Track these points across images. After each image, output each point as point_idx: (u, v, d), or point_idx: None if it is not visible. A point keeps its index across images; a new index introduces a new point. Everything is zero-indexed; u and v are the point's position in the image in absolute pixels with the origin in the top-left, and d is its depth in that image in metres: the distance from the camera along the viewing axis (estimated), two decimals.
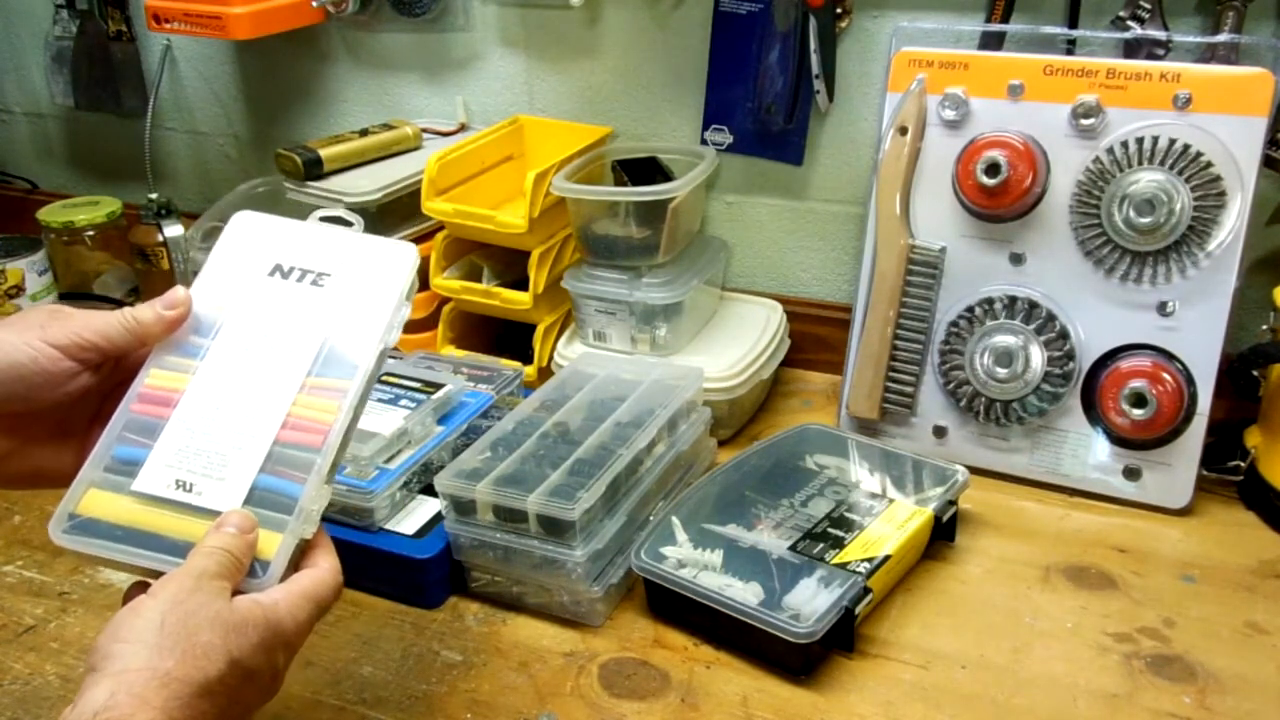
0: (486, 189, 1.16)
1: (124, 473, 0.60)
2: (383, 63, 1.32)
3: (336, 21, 1.31)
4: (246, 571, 0.58)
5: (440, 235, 1.13)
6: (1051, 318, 0.96)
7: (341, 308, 0.65)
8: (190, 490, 0.60)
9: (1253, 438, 0.96)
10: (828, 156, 1.15)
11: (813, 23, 1.05)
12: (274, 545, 0.59)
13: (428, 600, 0.86)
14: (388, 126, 1.23)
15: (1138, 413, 0.93)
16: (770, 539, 0.85)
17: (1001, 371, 0.97)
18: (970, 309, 0.99)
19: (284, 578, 0.59)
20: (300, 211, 1.21)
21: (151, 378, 0.63)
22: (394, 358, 1.07)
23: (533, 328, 1.12)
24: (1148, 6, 0.95)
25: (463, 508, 0.84)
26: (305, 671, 0.79)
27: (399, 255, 0.67)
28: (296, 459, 0.61)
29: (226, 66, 1.43)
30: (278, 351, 0.64)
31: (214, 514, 0.59)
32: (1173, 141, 0.90)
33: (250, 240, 0.69)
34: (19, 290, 1.24)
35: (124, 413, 0.62)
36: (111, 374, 0.64)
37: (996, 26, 1.00)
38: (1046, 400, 0.97)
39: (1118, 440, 0.96)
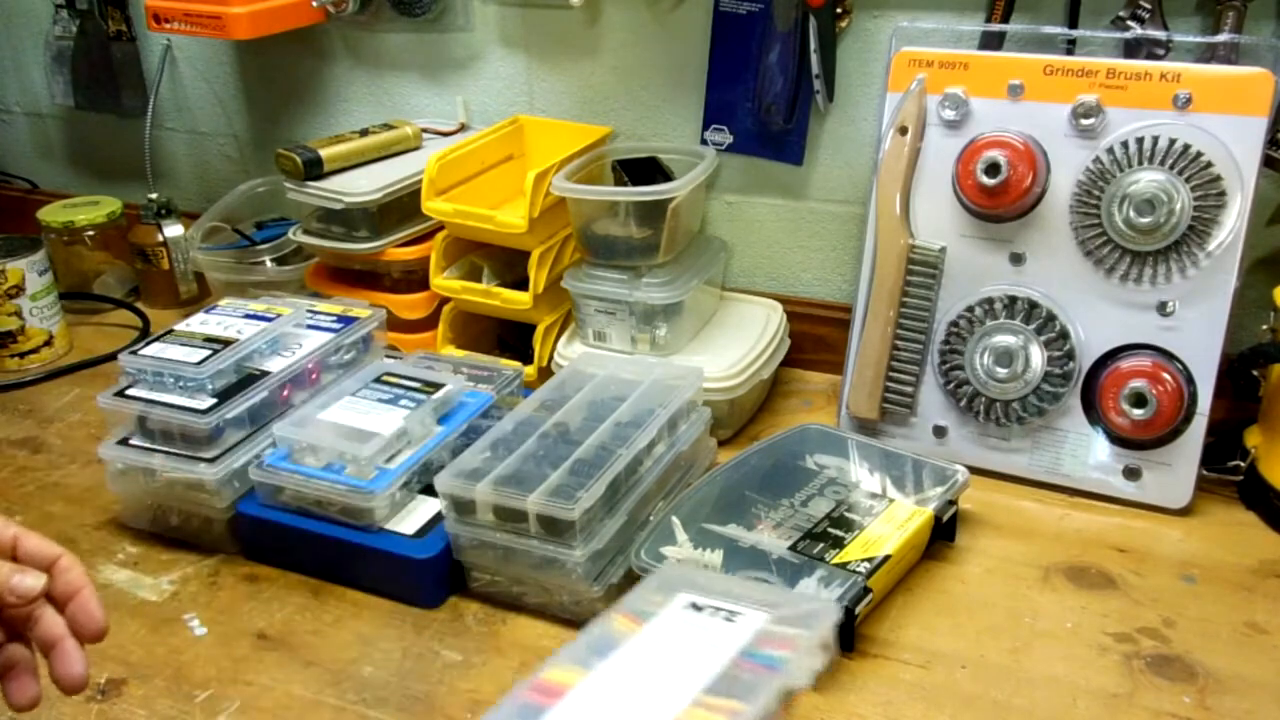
0: (486, 189, 1.16)
1: None
2: (383, 63, 1.32)
3: (336, 21, 1.31)
4: None
5: (440, 235, 1.13)
6: (1051, 318, 0.96)
7: (751, 643, 0.64)
8: None
9: (1253, 438, 0.96)
10: (828, 156, 1.15)
11: (813, 23, 1.05)
12: None
13: (428, 600, 0.86)
14: (388, 126, 1.23)
15: (1138, 413, 0.93)
16: (770, 539, 0.85)
17: (1001, 371, 0.97)
18: (970, 309, 0.99)
19: None
20: (302, 211, 1.21)
21: (547, 673, 0.63)
22: (393, 357, 1.07)
23: (533, 328, 1.12)
24: (1148, 6, 0.95)
25: (463, 508, 0.84)
26: (305, 671, 0.79)
27: (819, 615, 0.65)
28: None
29: (226, 66, 1.43)
30: (677, 665, 0.64)
31: None
32: (1173, 141, 0.90)
33: (671, 583, 0.70)
34: (19, 290, 1.24)
35: (514, 696, 0.62)
36: None
37: (996, 26, 1.00)
38: (1046, 400, 0.97)
39: (1118, 440, 0.96)
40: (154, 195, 1.37)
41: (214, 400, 0.93)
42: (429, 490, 0.89)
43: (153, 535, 0.96)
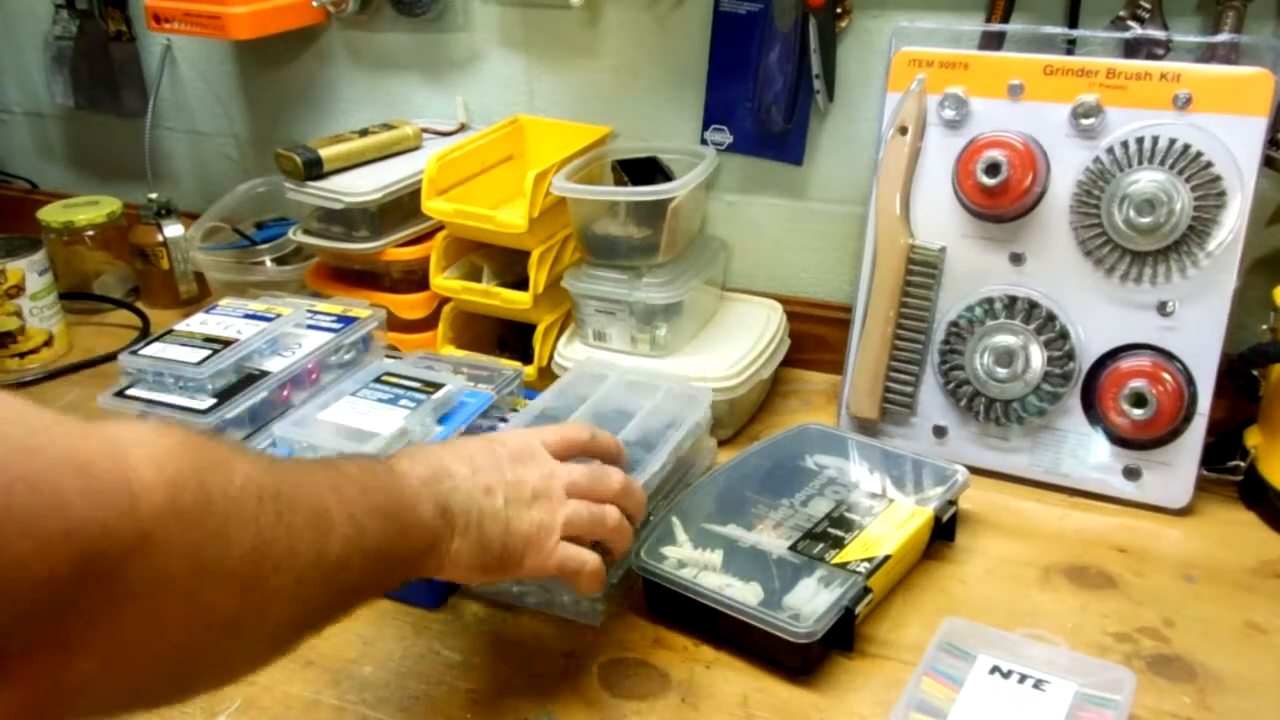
0: (486, 189, 1.16)
1: None
2: (383, 63, 1.32)
3: (336, 21, 1.31)
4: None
5: (440, 235, 1.13)
6: (1051, 318, 0.96)
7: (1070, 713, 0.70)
8: None
9: (1253, 438, 0.96)
10: (828, 156, 1.15)
11: (813, 22, 1.05)
12: None
13: (428, 600, 0.86)
14: (388, 126, 1.23)
15: (1138, 413, 0.93)
16: (770, 539, 0.85)
17: (1001, 371, 0.97)
18: (970, 309, 0.99)
19: None
20: (302, 211, 1.21)
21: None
22: (393, 357, 1.07)
23: (533, 328, 1.12)
24: (1148, 6, 0.95)
25: None
26: (305, 671, 0.79)
27: (1124, 681, 0.71)
28: None
29: (226, 66, 1.43)
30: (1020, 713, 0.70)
31: None
32: (1173, 141, 0.90)
33: (963, 640, 0.76)
34: (19, 290, 1.24)
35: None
36: None
37: (996, 26, 1.00)
38: (1046, 400, 0.97)
39: (1118, 440, 0.96)
40: (154, 195, 1.37)
41: (214, 400, 0.93)
42: None
43: None
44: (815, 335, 1.19)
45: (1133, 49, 0.95)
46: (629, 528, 0.75)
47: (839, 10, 1.07)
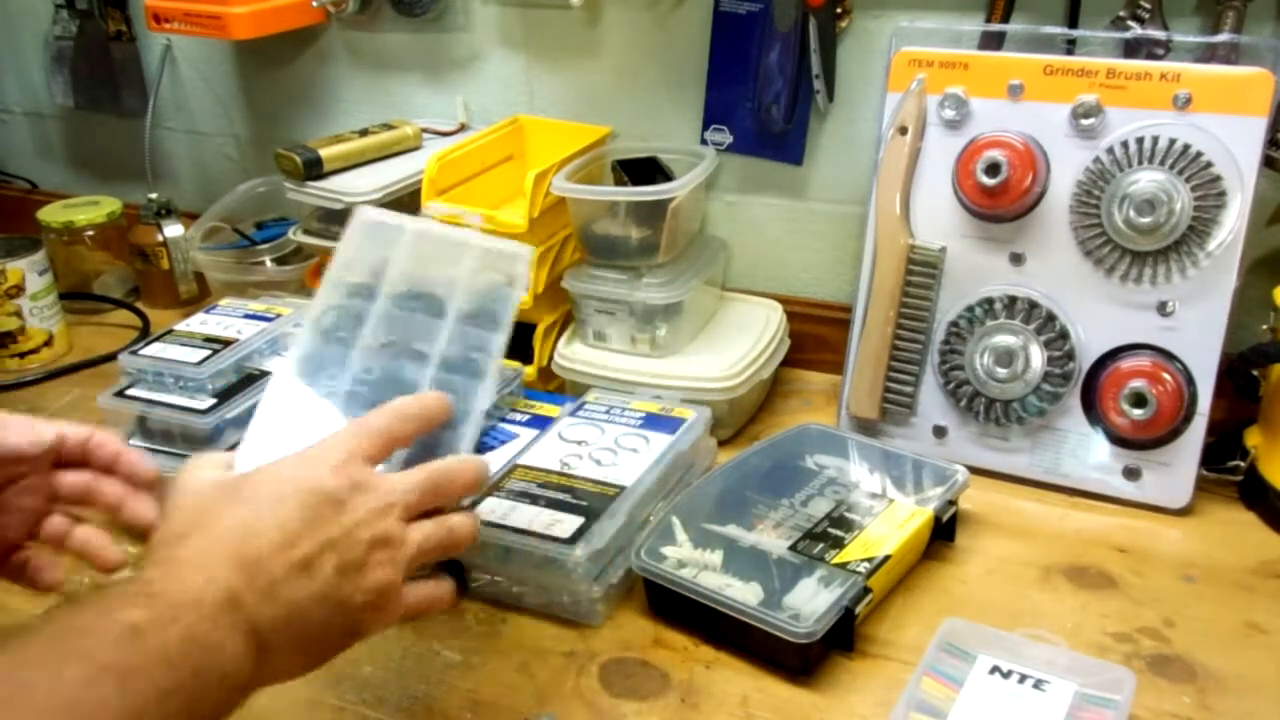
0: (486, 189, 1.16)
1: None
2: (383, 63, 1.32)
3: (336, 21, 1.31)
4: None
5: None
6: (1051, 318, 0.96)
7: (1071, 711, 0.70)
8: None
9: (1253, 438, 0.96)
10: (828, 156, 1.15)
11: (813, 22, 1.05)
12: None
13: None
14: (388, 126, 1.23)
15: (1138, 413, 0.93)
16: (770, 539, 0.85)
17: (1001, 371, 0.97)
18: (970, 309, 0.99)
19: None
20: (302, 211, 1.21)
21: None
22: None
23: (533, 327, 1.12)
24: (1148, 6, 0.95)
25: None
26: None
27: (1124, 681, 0.71)
28: None
29: (226, 66, 1.43)
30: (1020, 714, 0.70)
31: None
32: (1173, 141, 0.90)
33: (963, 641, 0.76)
34: (19, 290, 1.24)
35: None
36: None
37: (996, 26, 1.00)
38: (1046, 400, 0.97)
39: (1118, 440, 0.96)
40: (154, 195, 1.37)
41: (214, 400, 0.93)
42: None
43: None
44: (815, 335, 1.19)
45: (1133, 49, 0.95)
46: (478, 528, 0.67)
47: (839, 10, 1.07)
